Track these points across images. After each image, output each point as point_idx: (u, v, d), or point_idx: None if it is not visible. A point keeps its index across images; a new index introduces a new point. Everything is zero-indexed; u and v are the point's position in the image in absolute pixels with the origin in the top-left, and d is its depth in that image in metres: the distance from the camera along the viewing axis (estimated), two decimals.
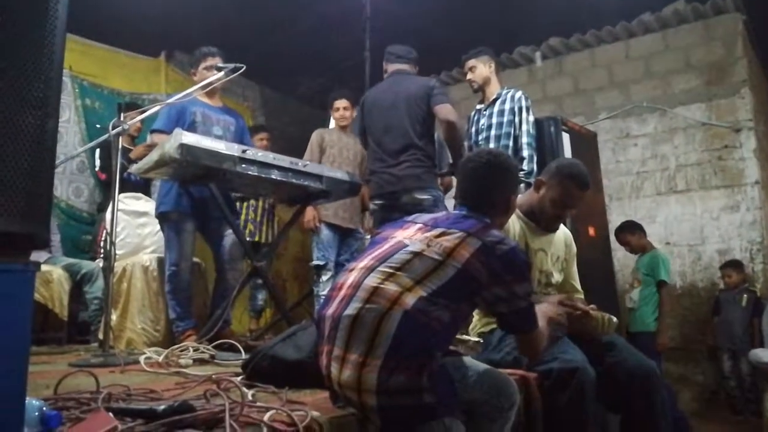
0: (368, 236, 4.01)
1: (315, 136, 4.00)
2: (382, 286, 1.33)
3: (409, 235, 1.49)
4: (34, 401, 1.01)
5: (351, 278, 1.41)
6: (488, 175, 1.67)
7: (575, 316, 1.98)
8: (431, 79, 3.22)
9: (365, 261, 1.45)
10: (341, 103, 4.04)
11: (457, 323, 1.45)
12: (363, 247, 4.13)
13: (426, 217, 1.61)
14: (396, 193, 3.08)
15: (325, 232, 3.82)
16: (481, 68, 3.45)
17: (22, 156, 0.86)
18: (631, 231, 4.23)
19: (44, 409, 1.03)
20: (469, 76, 3.52)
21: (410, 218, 1.64)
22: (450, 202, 3.86)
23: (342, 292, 1.39)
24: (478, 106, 3.54)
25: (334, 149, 3.89)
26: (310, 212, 3.80)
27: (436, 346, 1.35)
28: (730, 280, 4.31)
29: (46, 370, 1.98)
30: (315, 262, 3.84)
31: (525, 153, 3.25)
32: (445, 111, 3.00)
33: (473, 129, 3.52)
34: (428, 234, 1.47)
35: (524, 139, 3.26)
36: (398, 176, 3.06)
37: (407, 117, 3.09)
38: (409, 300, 1.30)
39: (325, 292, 3.77)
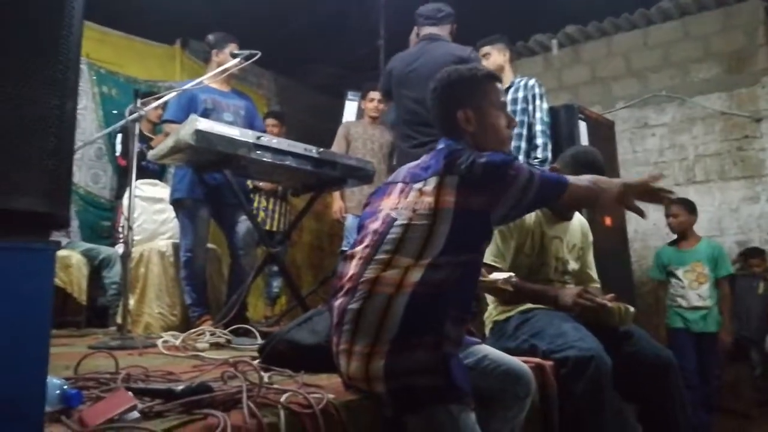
0: None
1: (341, 129, 4.09)
2: (383, 274, 1.29)
3: (394, 204, 1.40)
4: (55, 380, 1.03)
5: (351, 269, 1.36)
6: (443, 93, 1.58)
7: (593, 307, 1.96)
8: (466, 48, 2.86)
9: (362, 247, 1.38)
10: (376, 95, 4.04)
11: (471, 274, 1.39)
12: None
13: (405, 170, 1.52)
14: None
15: (351, 220, 3.89)
16: (496, 56, 3.38)
17: (45, 136, 0.86)
18: (686, 208, 3.83)
19: (65, 387, 1.05)
20: (483, 63, 3.45)
21: (392, 177, 1.55)
22: None
23: (345, 283, 1.36)
24: None
25: (358, 142, 3.96)
26: (337, 203, 3.91)
27: (450, 316, 1.30)
28: (758, 269, 4.15)
29: (66, 352, 2.03)
30: (342, 249, 3.96)
31: (539, 141, 3.22)
32: None
33: None
34: (411, 196, 1.38)
35: (538, 127, 3.23)
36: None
37: None
38: (415, 277, 1.26)
39: None
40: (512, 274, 1.95)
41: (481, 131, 1.53)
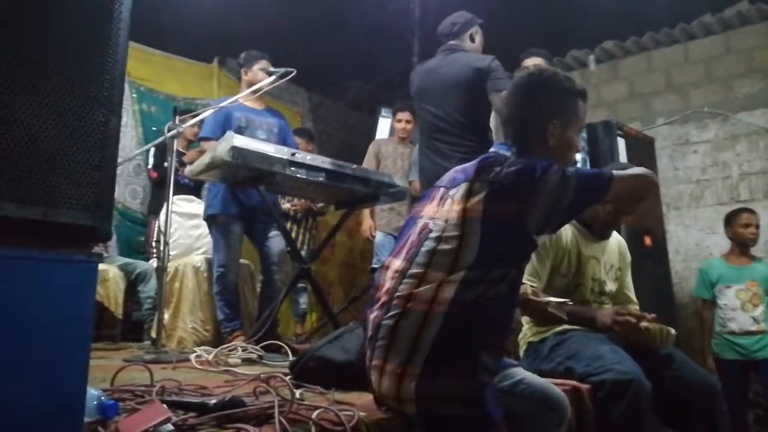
0: None
1: (372, 146, 4.15)
2: (416, 291, 1.25)
3: (433, 212, 1.35)
4: (92, 391, 1.05)
5: (387, 282, 1.33)
6: (531, 97, 1.48)
7: (632, 327, 1.90)
8: (486, 57, 2.73)
9: (398, 259, 1.35)
10: (405, 115, 4.09)
11: (508, 296, 1.32)
12: None
13: (450, 174, 1.45)
14: None
15: (380, 237, 3.94)
16: None
17: (90, 151, 0.90)
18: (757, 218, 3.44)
19: (102, 398, 1.07)
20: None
21: (439, 181, 1.49)
22: None
23: (381, 296, 1.33)
24: None
25: (388, 160, 4.01)
26: (366, 222, 3.95)
27: (486, 343, 1.26)
28: None
29: (103, 365, 2.06)
30: (372, 266, 3.99)
31: (577, 157, 3.17)
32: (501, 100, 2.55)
33: None
34: (446, 204, 1.32)
35: None
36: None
37: (456, 106, 2.71)
38: (448, 293, 1.21)
39: None
40: (568, 300, 1.86)
41: (560, 149, 1.46)
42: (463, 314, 1.22)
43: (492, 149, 1.48)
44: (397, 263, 1.34)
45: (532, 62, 3.32)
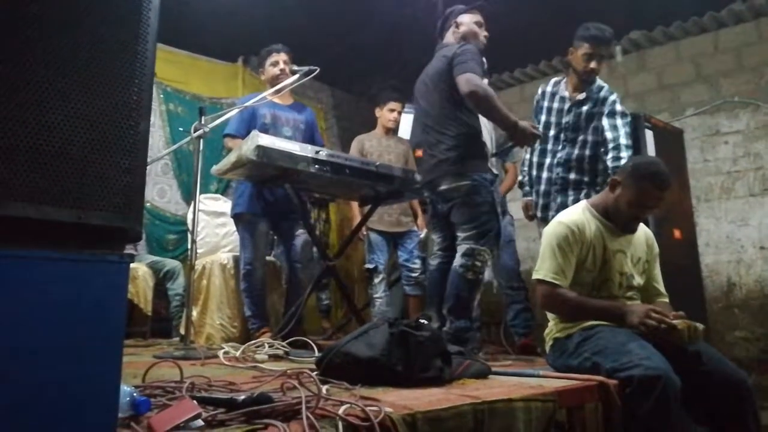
0: (422, 233, 3.98)
1: (355, 143, 4.04)
2: None
3: None
4: (125, 387, 1.07)
5: None
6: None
7: (662, 327, 1.87)
8: (452, 47, 2.71)
9: None
10: (397, 105, 4.04)
11: None
12: (423, 244, 4.11)
13: None
14: (434, 181, 2.69)
15: (374, 237, 3.87)
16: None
17: (121, 155, 0.92)
18: None
19: (135, 395, 1.09)
20: (595, 65, 3.05)
21: None
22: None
23: None
24: (563, 94, 3.18)
25: (374, 155, 3.89)
26: (356, 220, 3.86)
27: None
28: None
29: (133, 361, 2.10)
30: (366, 266, 3.93)
31: (623, 154, 2.97)
32: (462, 82, 2.51)
33: (553, 119, 3.19)
34: None
35: (623, 141, 3.01)
36: (435, 163, 2.69)
37: (437, 98, 2.71)
38: None
39: (378, 294, 3.81)
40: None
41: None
42: None
43: None
44: None
45: (581, 51, 3.08)
